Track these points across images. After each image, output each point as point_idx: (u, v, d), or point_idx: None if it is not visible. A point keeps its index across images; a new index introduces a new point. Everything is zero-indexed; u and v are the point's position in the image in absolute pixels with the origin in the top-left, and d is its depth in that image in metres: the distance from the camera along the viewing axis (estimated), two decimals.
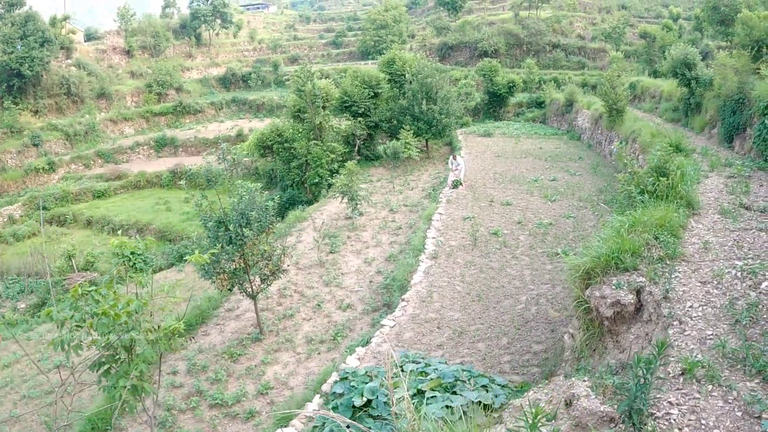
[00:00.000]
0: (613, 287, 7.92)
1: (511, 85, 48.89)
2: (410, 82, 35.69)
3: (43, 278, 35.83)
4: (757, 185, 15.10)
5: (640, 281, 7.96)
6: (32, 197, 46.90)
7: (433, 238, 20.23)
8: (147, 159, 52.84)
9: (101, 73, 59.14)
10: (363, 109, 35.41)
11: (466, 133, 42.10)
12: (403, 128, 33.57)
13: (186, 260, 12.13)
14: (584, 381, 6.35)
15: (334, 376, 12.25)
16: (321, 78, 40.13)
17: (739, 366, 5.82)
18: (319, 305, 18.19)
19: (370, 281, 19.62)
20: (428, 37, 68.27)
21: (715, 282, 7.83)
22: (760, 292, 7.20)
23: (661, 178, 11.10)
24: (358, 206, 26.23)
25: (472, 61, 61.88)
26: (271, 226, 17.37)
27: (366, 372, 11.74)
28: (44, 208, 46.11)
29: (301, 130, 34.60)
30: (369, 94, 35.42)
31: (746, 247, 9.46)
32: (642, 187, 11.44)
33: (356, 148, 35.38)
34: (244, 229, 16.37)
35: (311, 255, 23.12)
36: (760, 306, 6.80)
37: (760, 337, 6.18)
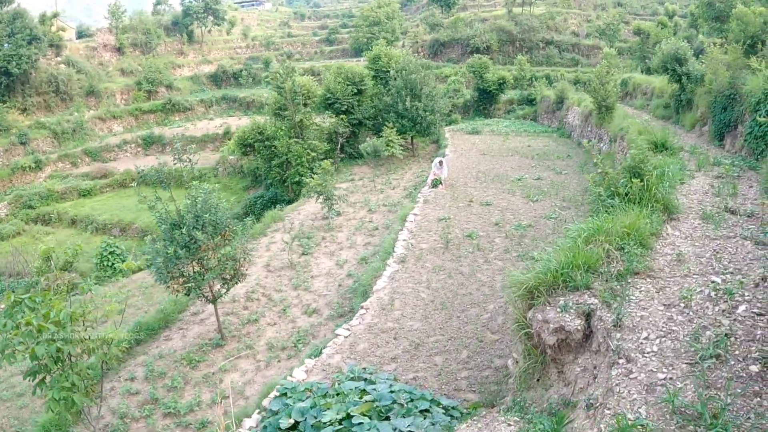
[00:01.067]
0: (559, 310, 6.58)
1: (502, 81, 47.40)
2: (395, 78, 34.34)
3: (24, 278, 34.82)
4: (746, 186, 13.81)
5: (592, 303, 6.61)
6: (18, 196, 45.69)
7: (404, 240, 18.97)
8: (134, 157, 51.37)
9: (91, 70, 57.70)
10: (346, 107, 34.08)
11: (454, 130, 40.75)
12: (386, 125, 32.24)
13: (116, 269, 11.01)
14: (510, 425, 5.07)
15: (276, 392, 11.23)
16: (304, 74, 38.72)
17: (690, 427, 4.42)
18: (284, 310, 17.43)
19: (339, 285, 18.73)
20: (420, 34, 66.75)
21: (682, 305, 6.43)
22: (734, 320, 5.80)
23: (634, 180, 9.76)
24: (334, 206, 24.99)
25: (464, 58, 60.31)
26: (227, 228, 16.30)
27: (306, 388, 10.63)
28: (29, 207, 44.93)
29: (282, 128, 33.29)
30: (352, 91, 34.08)
31: (726, 259, 8.14)
32: (613, 189, 10.11)
33: (339, 146, 34.04)
34: (196, 232, 15.39)
35: (283, 256, 22.21)
36: (732, 339, 5.40)
37: (725, 383, 4.81)
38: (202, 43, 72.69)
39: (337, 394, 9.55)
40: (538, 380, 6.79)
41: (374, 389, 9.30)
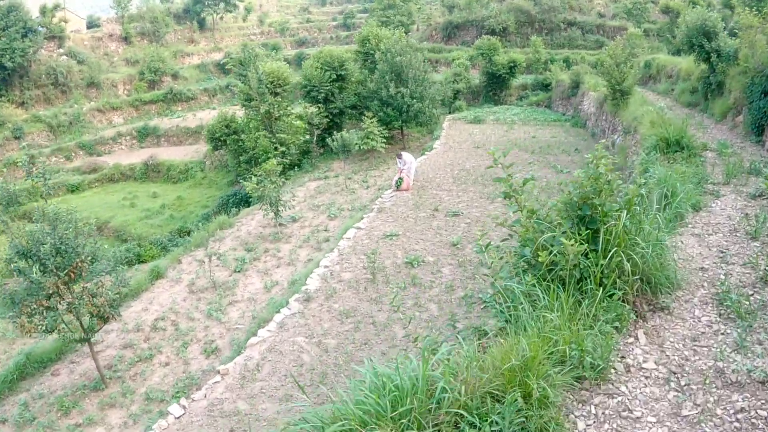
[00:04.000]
0: None
1: (513, 65, 41.33)
2: (381, 61, 29.03)
3: None
4: None
5: None
6: (5, 192, 42.18)
7: (326, 267, 14.04)
8: (129, 150, 47.46)
9: (93, 61, 53.81)
10: (324, 94, 28.94)
11: (455, 119, 35.22)
12: (365, 115, 27.08)
13: None
14: None
15: None
16: (276, 60, 33.67)
17: None
18: (184, 346, 14.27)
19: (254, 317, 14.56)
20: (434, 16, 60.74)
21: None
22: None
23: (576, 235, 4.55)
24: (281, 213, 20.23)
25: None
26: (78, 260, 12.88)
27: None
28: (17, 203, 41.43)
29: (255, 119, 28.49)
30: (330, 77, 28.87)
31: None
32: (529, 254, 4.92)
33: (315, 138, 28.98)
34: (34, 266, 12.34)
35: (215, 273, 18.03)
36: None
37: None
38: (214, 30, 68.27)
39: None
40: None
41: None
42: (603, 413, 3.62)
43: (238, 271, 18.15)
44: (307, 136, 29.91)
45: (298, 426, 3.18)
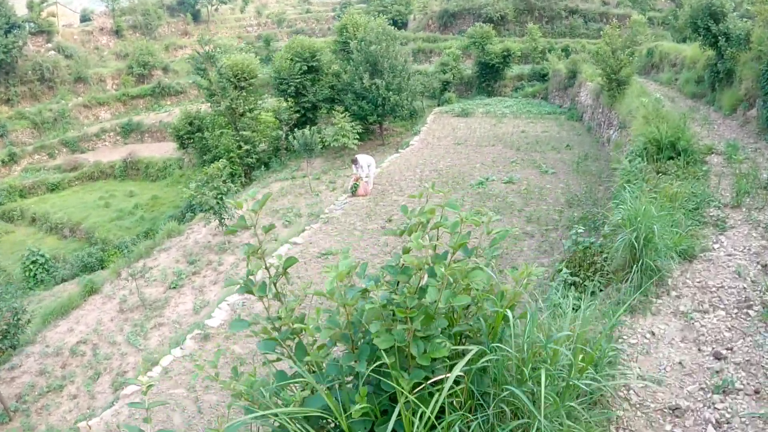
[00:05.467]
0: None
1: (507, 54, 37.91)
2: (357, 50, 25.95)
3: None
4: None
5: None
6: None
7: (240, 295, 11.29)
8: (113, 146, 44.80)
9: (81, 56, 51.07)
10: (294, 87, 25.91)
11: (441, 112, 32.05)
12: (335, 111, 24.11)
13: None
14: None
15: None
16: (245, 51, 30.65)
17: None
18: (96, 376, 12.59)
19: (171, 345, 12.15)
20: (431, 5, 57.26)
21: None
22: None
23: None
24: (225, 221, 17.47)
25: None
26: None
27: None
28: None
29: (221, 115, 25.65)
30: (301, 69, 25.80)
31: None
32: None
33: (284, 135, 26.00)
34: None
35: (148, 290, 15.81)
36: None
37: None
38: (209, 22, 65.26)
39: None
40: None
41: None
42: None
43: (174, 287, 15.69)
44: (280, 132, 26.99)
45: None
